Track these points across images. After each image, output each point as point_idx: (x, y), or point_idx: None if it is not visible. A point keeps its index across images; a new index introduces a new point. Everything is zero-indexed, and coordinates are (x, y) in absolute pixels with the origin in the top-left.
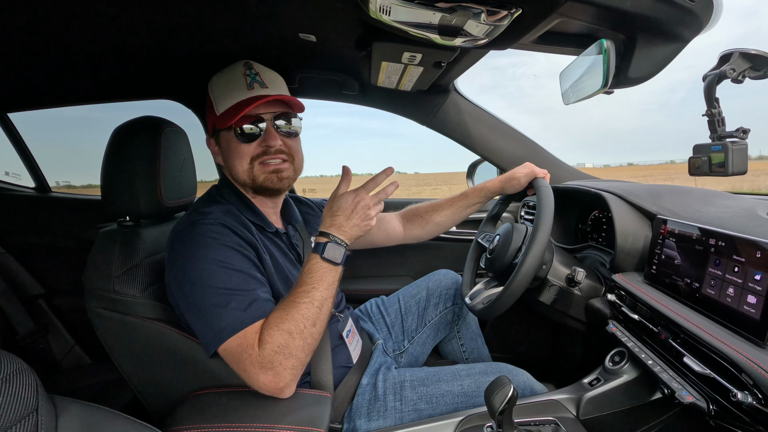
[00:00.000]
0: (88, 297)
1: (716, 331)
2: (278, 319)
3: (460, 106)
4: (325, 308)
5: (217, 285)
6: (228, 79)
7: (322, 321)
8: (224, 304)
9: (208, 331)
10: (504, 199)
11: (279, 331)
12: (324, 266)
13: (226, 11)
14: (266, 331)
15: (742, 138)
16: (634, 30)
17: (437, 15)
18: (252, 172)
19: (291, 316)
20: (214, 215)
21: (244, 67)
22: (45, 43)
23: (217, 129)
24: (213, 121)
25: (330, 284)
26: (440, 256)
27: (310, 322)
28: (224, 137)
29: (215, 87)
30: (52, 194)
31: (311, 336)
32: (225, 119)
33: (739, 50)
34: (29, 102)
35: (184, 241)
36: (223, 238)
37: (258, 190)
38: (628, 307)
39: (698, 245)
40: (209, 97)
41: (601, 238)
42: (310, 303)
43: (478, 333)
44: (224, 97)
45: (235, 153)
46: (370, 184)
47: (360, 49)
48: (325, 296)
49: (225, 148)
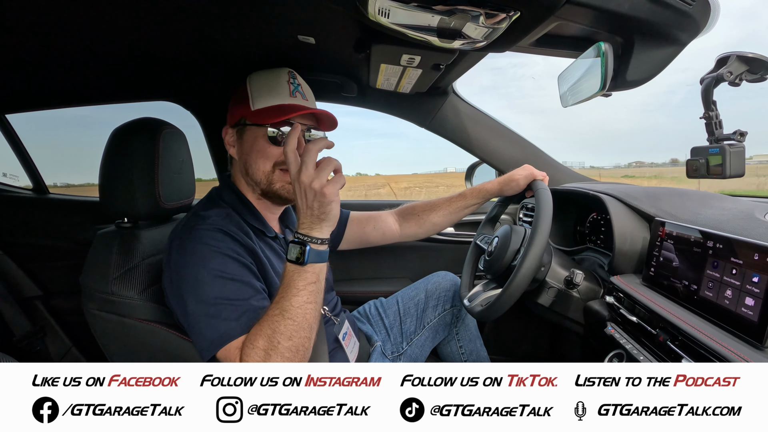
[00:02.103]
0: (85, 298)
1: (714, 333)
2: (254, 336)
3: (458, 108)
4: (300, 317)
5: (210, 294)
6: (271, 79)
7: (300, 331)
8: (216, 314)
9: (201, 339)
10: (503, 201)
11: (254, 349)
12: (290, 269)
13: (225, 13)
14: (245, 347)
15: (739, 140)
16: (631, 33)
17: (436, 17)
18: (271, 177)
19: (263, 332)
20: (212, 220)
21: (288, 74)
22: (43, 44)
23: (245, 122)
24: (242, 114)
25: (301, 288)
26: (439, 258)
27: (285, 336)
28: (251, 132)
29: (255, 83)
30: (49, 196)
31: (290, 350)
32: (261, 116)
33: (736, 53)
34: (27, 103)
35: (181, 247)
36: (220, 245)
37: (268, 194)
38: (626, 309)
39: (696, 247)
40: (246, 90)
41: (599, 240)
42: (281, 315)
43: (476, 335)
44: (265, 95)
45: (260, 152)
46: (308, 161)
47: (359, 51)
48: (297, 304)
49: (248, 144)
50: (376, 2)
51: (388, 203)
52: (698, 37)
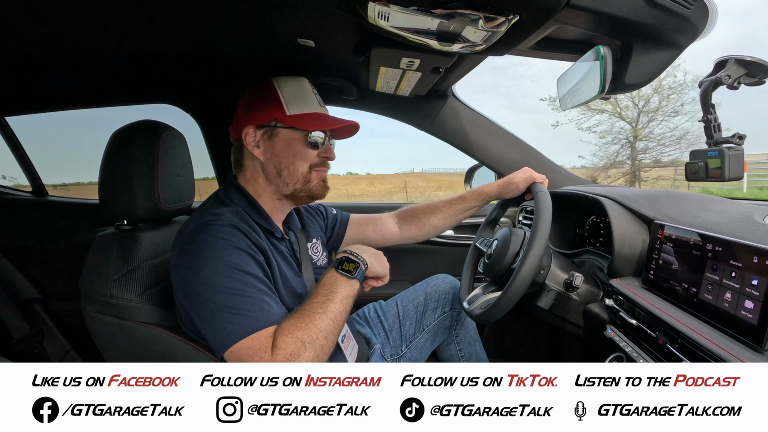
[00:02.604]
0: (84, 301)
1: (714, 336)
2: (293, 327)
3: (458, 111)
4: (338, 321)
5: (230, 286)
6: (299, 87)
7: (334, 334)
8: (235, 306)
9: (218, 332)
10: (502, 204)
11: (293, 339)
12: (339, 278)
13: (225, 16)
14: (280, 337)
15: (738, 144)
16: (630, 37)
17: (435, 21)
18: (309, 176)
19: (305, 325)
20: (225, 217)
21: (309, 84)
22: (42, 47)
23: (278, 125)
24: (275, 116)
25: (344, 298)
26: (438, 261)
27: (323, 333)
28: (286, 135)
29: (286, 88)
30: (49, 198)
31: (322, 348)
32: (299, 121)
33: (734, 57)
34: (27, 106)
35: (195, 242)
36: (235, 241)
37: (299, 193)
38: (626, 312)
39: (695, 250)
40: (275, 93)
41: (598, 243)
42: (324, 314)
43: (476, 338)
44: (298, 101)
45: (299, 154)
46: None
47: (359, 54)
48: (339, 309)
49: (282, 146)
50: (376, 6)
51: (388, 206)
52: (696, 40)
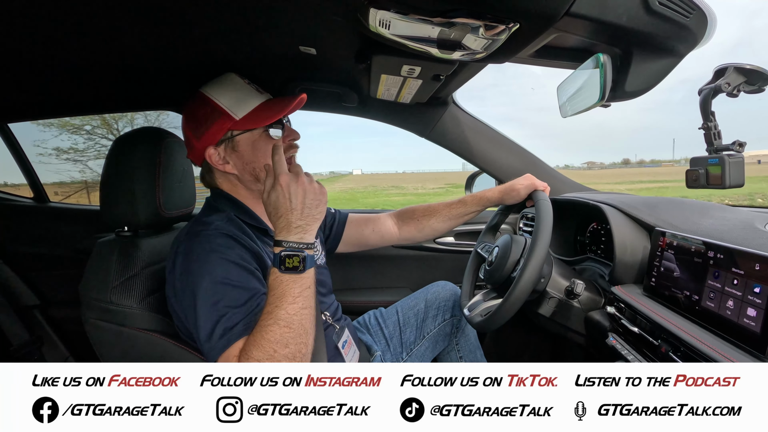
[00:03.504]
0: (84, 307)
1: (716, 344)
2: (249, 346)
3: (458, 118)
4: (296, 324)
5: (216, 300)
6: (233, 87)
7: (297, 338)
8: (218, 320)
9: (204, 344)
10: (503, 210)
11: (249, 360)
12: (285, 278)
13: (227, 24)
14: (241, 357)
15: (738, 151)
16: (630, 45)
17: (436, 29)
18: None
19: (257, 343)
20: (215, 225)
21: (239, 76)
22: (45, 54)
23: (234, 133)
24: (225, 127)
25: (297, 295)
26: (439, 268)
27: (281, 344)
28: (245, 140)
29: (223, 96)
30: (50, 204)
31: (286, 357)
32: (251, 121)
33: (733, 65)
34: (29, 112)
35: (186, 253)
36: (226, 251)
37: None
38: (627, 319)
39: (697, 257)
40: (215, 106)
41: (599, 250)
42: (275, 324)
43: (477, 345)
44: (240, 102)
45: (268, 151)
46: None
47: (360, 62)
48: (293, 311)
49: (248, 151)
50: (377, 14)
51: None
52: (695, 48)
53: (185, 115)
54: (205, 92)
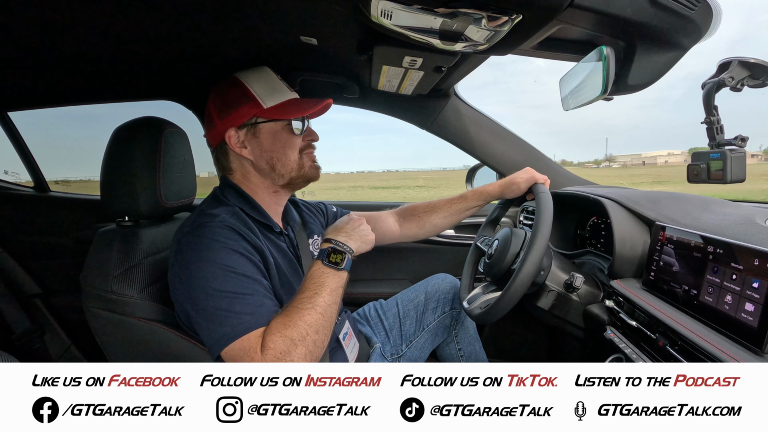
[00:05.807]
0: (85, 297)
1: (714, 339)
2: (281, 325)
3: (460, 110)
4: (328, 315)
5: (222, 288)
6: (266, 78)
7: (326, 328)
8: (228, 308)
9: (212, 334)
10: (503, 204)
11: (282, 338)
12: (326, 271)
13: (228, 13)
14: (268, 336)
15: (740, 146)
16: (633, 37)
17: (438, 20)
18: (301, 162)
19: (293, 323)
20: (221, 218)
21: (273, 73)
22: (45, 43)
23: (258, 120)
24: (252, 113)
25: (333, 290)
26: (439, 260)
27: (314, 329)
28: (268, 129)
29: (256, 83)
30: (50, 193)
31: (314, 344)
32: (279, 112)
33: (737, 59)
34: (29, 101)
35: (191, 243)
36: (230, 242)
37: (295, 180)
38: (626, 313)
39: (696, 252)
40: (247, 91)
41: (599, 244)
42: (313, 309)
43: (476, 337)
44: (271, 93)
45: (287, 144)
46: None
47: (361, 52)
48: (328, 302)
49: (268, 140)
50: (379, 4)
51: (389, 204)
52: (700, 42)
53: (214, 93)
54: (240, 77)
